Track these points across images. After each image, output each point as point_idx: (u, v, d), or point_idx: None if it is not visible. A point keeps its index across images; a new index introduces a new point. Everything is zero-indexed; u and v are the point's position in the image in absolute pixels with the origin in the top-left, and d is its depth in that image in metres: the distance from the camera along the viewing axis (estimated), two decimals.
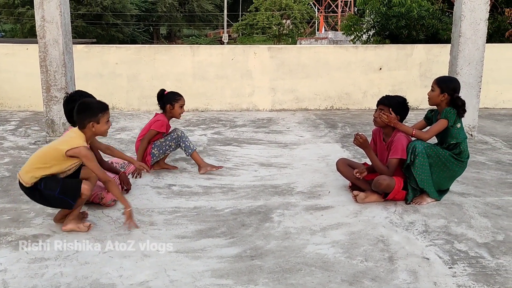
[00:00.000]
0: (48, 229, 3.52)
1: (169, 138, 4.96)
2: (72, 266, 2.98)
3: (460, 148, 4.04)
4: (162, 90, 5.10)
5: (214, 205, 4.05)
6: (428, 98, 4.16)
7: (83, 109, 3.47)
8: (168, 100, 5.02)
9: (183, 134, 4.98)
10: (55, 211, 3.74)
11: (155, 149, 4.94)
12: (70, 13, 6.52)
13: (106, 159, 4.43)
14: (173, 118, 5.19)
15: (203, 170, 4.96)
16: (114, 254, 3.14)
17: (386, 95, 4.19)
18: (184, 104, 5.12)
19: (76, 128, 3.50)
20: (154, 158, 4.97)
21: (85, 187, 3.40)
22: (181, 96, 5.11)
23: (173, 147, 4.99)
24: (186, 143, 4.95)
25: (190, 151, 4.95)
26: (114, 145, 6.05)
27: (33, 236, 3.41)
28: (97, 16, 37.98)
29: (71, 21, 6.55)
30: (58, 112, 6.27)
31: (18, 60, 9.00)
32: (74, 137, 3.43)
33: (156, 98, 5.12)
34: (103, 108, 3.52)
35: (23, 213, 3.84)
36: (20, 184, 3.43)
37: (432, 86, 4.12)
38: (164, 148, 4.96)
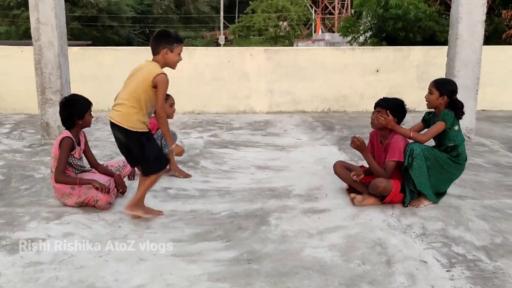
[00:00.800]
0: (43, 232, 3.49)
1: (155, 136, 4.92)
2: (68, 270, 2.95)
3: (458, 151, 4.03)
4: None
5: (211, 208, 4.02)
6: (427, 101, 4.13)
7: (161, 35, 3.67)
8: None
9: None
10: (50, 214, 3.73)
11: None
12: (66, 15, 6.49)
13: (101, 162, 4.42)
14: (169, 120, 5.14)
15: (171, 172, 4.94)
16: (110, 258, 3.10)
17: (383, 97, 4.17)
18: (173, 103, 5.01)
19: (149, 60, 3.65)
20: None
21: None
22: (168, 95, 5.03)
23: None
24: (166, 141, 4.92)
25: (167, 150, 4.91)
26: (110, 148, 6.03)
27: (28, 239, 3.37)
28: (92, 18, 37.86)
29: (66, 23, 6.52)
30: (53, 115, 6.24)
31: (13, 62, 8.96)
32: (152, 67, 3.56)
33: None
34: (179, 39, 3.67)
35: (18, 216, 3.80)
36: (120, 127, 3.54)
37: (430, 89, 4.09)
38: None
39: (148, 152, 3.59)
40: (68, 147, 3.92)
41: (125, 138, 3.59)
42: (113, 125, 3.59)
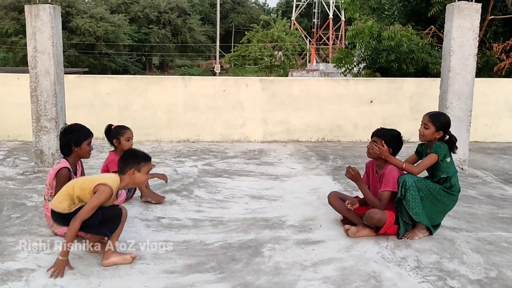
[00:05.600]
0: (33, 263, 3.43)
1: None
2: None
3: (450, 182, 4.03)
4: (109, 126, 4.92)
5: (204, 239, 3.98)
6: (421, 135, 4.13)
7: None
8: (114, 135, 4.87)
9: None
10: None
11: None
12: (63, 42, 6.54)
13: None
14: None
15: (143, 198, 4.98)
16: None
17: (381, 127, 4.20)
18: (131, 137, 4.91)
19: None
20: (128, 192, 4.93)
21: (124, 212, 3.60)
22: (127, 128, 4.93)
23: None
24: None
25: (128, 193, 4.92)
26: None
27: (18, 270, 3.32)
28: (90, 46, 38.24)
29: (63, 51, 6.57)
30: (47, 142, 6.23)
31: (8, 90, 8.97)
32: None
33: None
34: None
35: (8, 246, 3.74)
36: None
37: (425, 123, 4.09)
38: None
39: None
40: (65, 179, 3.89)
41: None
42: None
